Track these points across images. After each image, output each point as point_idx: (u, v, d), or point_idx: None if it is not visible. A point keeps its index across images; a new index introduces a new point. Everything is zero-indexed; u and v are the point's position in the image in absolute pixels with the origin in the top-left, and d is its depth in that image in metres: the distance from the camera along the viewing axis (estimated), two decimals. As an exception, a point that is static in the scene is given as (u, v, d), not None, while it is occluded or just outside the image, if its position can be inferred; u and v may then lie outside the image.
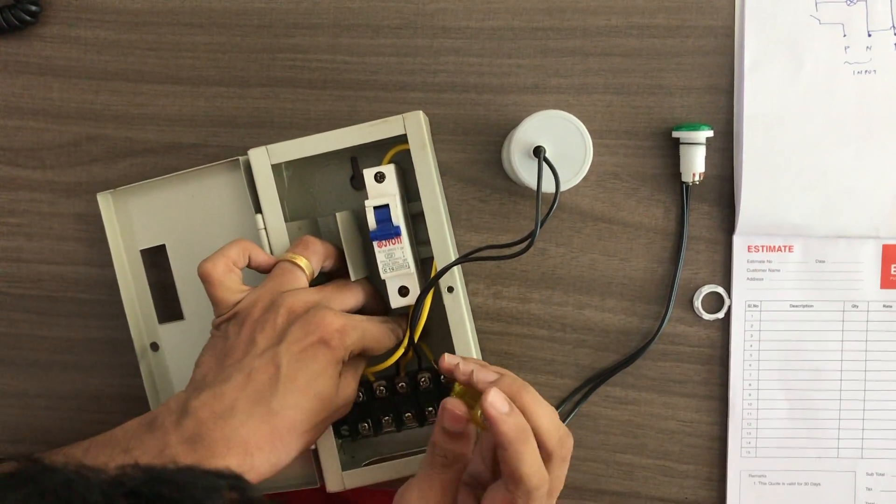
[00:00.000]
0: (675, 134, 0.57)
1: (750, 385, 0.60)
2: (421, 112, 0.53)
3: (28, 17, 0.59)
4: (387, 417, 0.57)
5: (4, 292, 0.62)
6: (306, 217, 0.58)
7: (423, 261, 0.57)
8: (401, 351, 0.55)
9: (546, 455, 0.45)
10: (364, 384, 0.56)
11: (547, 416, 0.46)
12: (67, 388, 0.63)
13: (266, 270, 0.54)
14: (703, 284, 0.60)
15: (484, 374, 0.47)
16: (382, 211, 0.52)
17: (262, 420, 0.47)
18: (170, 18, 0.60)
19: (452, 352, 0.55)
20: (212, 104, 0.60)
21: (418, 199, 0.55)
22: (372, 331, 0.53)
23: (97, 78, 0.61)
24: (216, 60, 0.60)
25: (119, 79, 0.61)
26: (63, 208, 0.62)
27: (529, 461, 0.44)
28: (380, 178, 0.53)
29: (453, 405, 0.46)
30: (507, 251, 0.50)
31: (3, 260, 0.62)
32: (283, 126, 0.60)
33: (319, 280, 0.55)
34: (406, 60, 0.59)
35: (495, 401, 0.44)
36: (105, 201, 0.58)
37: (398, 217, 0.52)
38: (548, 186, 0.49)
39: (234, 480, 0.34)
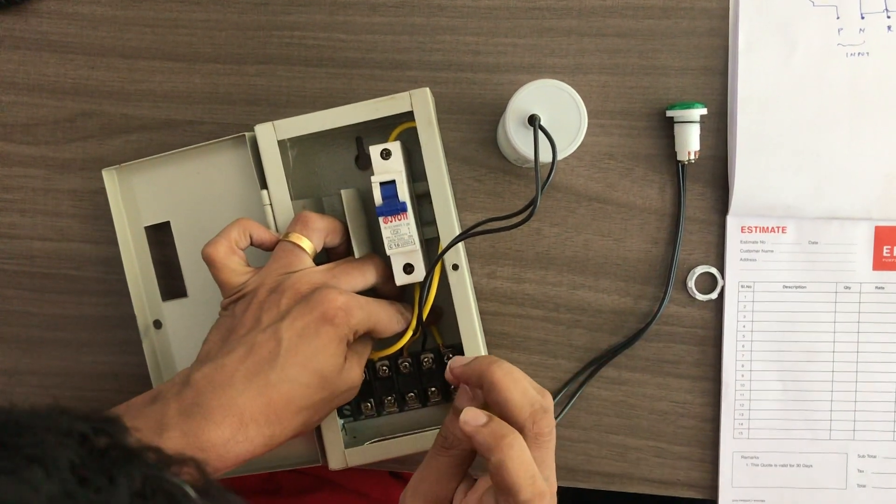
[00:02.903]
0: (670, 113, 0.58)
1: (743, 366, 0.60)
2: (427, 89, 0.53)
3: (25, -8, 0.59)
4: (389, 397, 0.57)
5: (-3, 268, 0.62)
6: (311, 196, 0.58)
7: (427, 242, 0.57)
8: (409, 333, 0.55)
9: (518, 429, 0.44)
10: (367, 363, 0.56)
11: (520, 390, 0.44)
12: (60, 365, 0.62)
13: (269, 248, 0.54)
14: (697, 265, 0.60)
15: (458, 361, 0.48)
16: (389, 187, 0.52)
17: (259, 391, 0.47)
18: (167, -5, 0.60)
19: (457, 331, 0.55)
20: (208, 81, 0.60)
21: (421, 180, 0.55)
22: (378, 312, 0.52)
23: (93, 54, 0.61)
24: (213, 37, 0.60)
25: (115, 55, 0.61)
26: (57, 184, 0.61)
27: (516, 469, 0.42)
28: (386, 154, 0.53)
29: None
30: (510, 221, 0.50)
31: (-3, 236, 0.62)
32: (278, 103, 0.60)
33: (322, 255, 0.55)
34: (402, 39, 0.59)
35: (468, 417, 0.44)
36: (110, 177, 0.58)
37: (404, 193, 0.52)
38: (544, 157, 0.50)
39: (102, 424, 0.29)
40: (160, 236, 0.59)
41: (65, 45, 0.61)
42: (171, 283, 0.60)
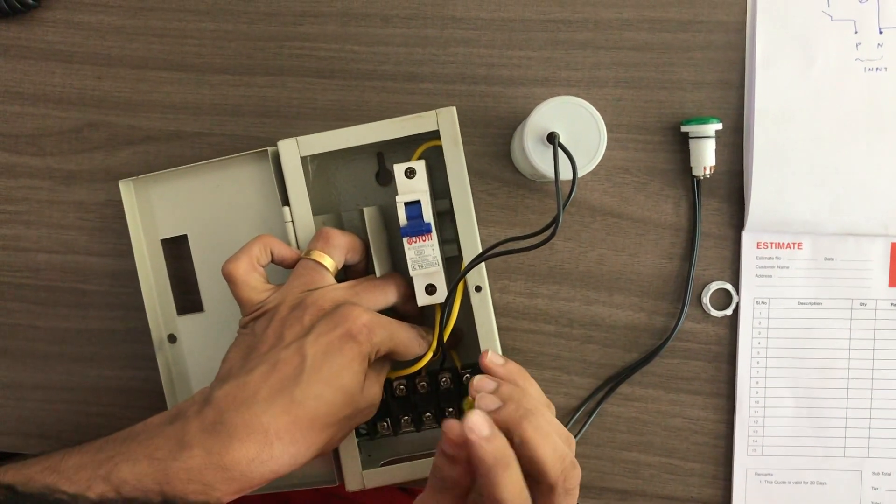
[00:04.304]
0: (685, 128, 0.57)
1: (757, 383, 0.59)
2: (454, 108, 0.52)
3: (31, 1, 0.58)
4: (406, 417, 0.56)
5: (1, 281, 0.61)
6: (330, 212, 0.57)
7: (447, 260, 0.56)
8: (429, 354, 0.54)
9: (548, 488, 0.42)
10: (384, 382, 0.55)
11: (551, 446, 0.42)
12: (65, 379, 0.62)
13: (290, 265, 0.53)
14: (712, 281, 0.59)
15: (487, 402, 0.44)
16: (414, 207, 0.51)
17: (283, 409, 0.46)
18: (175, 4, 0.59)
19: (477, 351, 0.53)
20: (217, 92, 0.59)
21: (441, 197, 0.54)
22: (400, 333, 0.51)
23: (100, 64, 0.60)
24: (222, 48, 0.59)
25: (122, 65, 0.60)
26: (63, 196, 0.60)
27: (507, 490, 0.41)
28: (410, 173, 0.52)
29: (451, 428, 0.41)
30: (533, 240, 0.49)
31: (1, 248, 0.61)
32: (289, 115, 0.59)
33: (339, 272, 0.54)
34: (415, 51, 0.58)
35: (475, 425, 0.40)
36: (127, 188, 0.57)
37: (429, 214, 0.51)
38: (563, 175, 0.49)
39: None
40: (177, 250, 0.58)
41: (71, 55, 0.60)
42: (187, 298, 0.59)
